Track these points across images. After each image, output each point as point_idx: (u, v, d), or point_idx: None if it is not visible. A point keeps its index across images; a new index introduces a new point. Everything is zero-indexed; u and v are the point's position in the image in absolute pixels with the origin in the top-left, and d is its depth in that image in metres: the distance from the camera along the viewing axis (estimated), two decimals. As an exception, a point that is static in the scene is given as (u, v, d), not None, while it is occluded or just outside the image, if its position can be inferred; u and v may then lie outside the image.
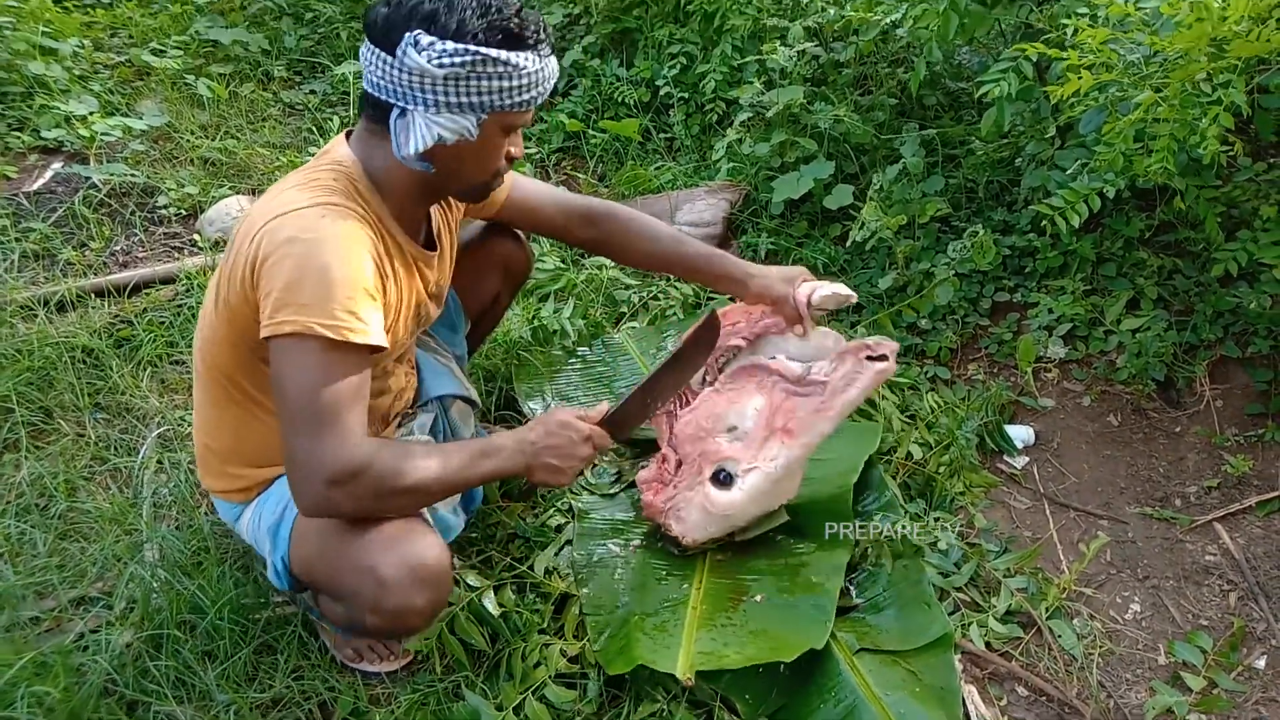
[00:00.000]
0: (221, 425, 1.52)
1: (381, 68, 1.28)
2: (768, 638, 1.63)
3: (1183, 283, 2.48)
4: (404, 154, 1.30)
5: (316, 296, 1.23)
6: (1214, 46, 1.51)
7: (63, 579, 1.82)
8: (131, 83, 3.53)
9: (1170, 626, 1.88)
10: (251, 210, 1.36)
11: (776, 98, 2.65)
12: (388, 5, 1.28)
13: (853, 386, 1.65)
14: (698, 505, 1.71)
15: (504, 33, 1.25)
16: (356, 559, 1.35)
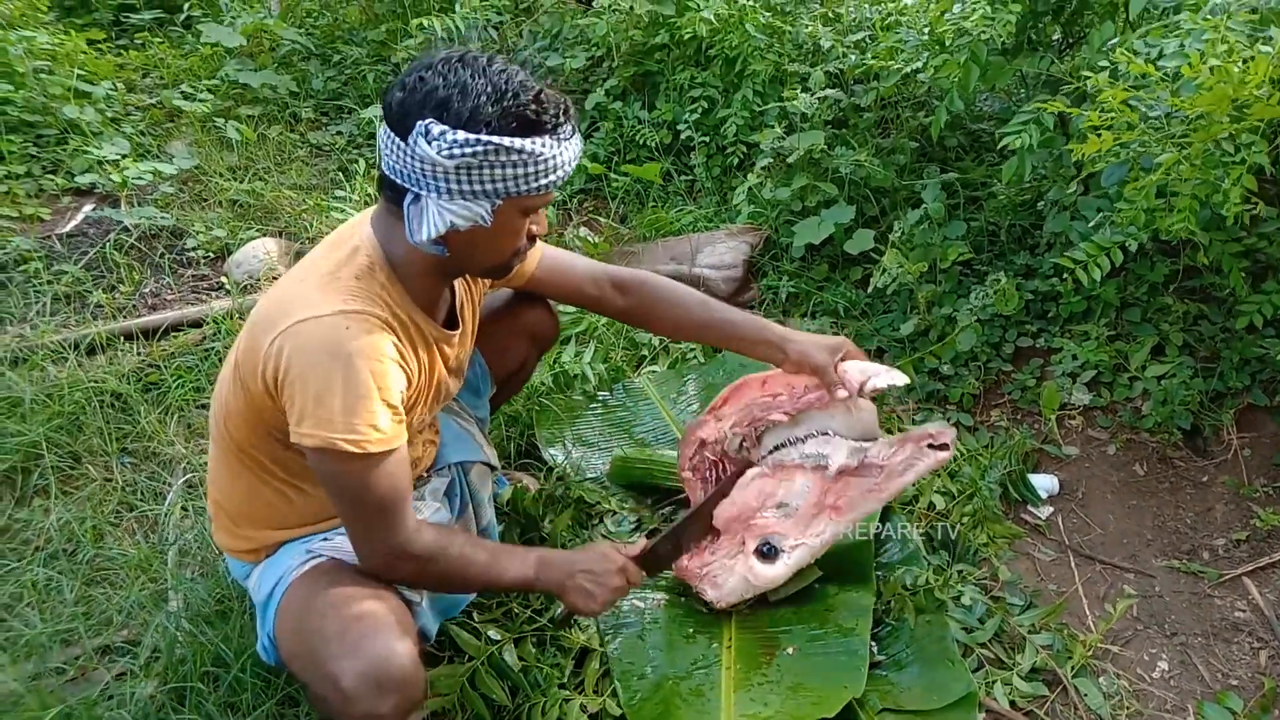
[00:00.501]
0: (234, 488, 1.52)
1: (396, 153, 1.26)
2: (806, 692, 1.62)
3: (1208, 329, 2.46)
4: (417, 240, 1.29)
5: (339, 411, 1.26)
6: (1235, 107, 1.51)
7: (88, 627, 1.84)
8: (162, 124, 3.60)
9: (1199, 686, 1.85)
10: (273, 296, 1.36)
11: (798, 142, 2.67)
12: (403, 89, 1.25)
13: (910, 472, 1.67)
14: (738, 575, 1.71)
15: (520, 120, 1.23)
16: (321, 665, 1.32)
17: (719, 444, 1.71)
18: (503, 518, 2.05)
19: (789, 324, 2.72)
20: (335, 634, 1.34)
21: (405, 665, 1.32)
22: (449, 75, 1.22)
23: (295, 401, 1.27)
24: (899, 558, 2.00)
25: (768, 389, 1.74)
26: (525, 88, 1.24)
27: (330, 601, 1.39)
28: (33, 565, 1.94)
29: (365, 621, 1.35)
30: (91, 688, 1.74)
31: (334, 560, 1.49)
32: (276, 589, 1.47)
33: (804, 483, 1.68)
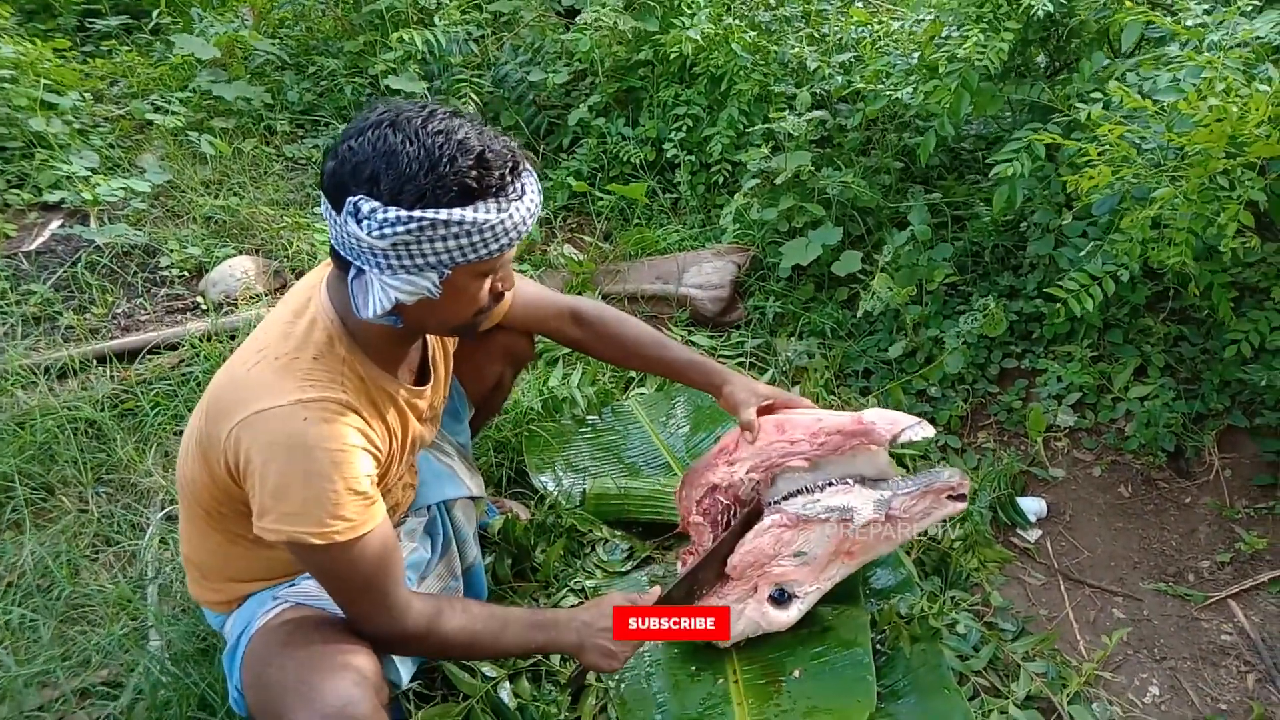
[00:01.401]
0: (203, 545, 1.47)
1: (335, 227, 1.18)
2: (822, 714, 1.62)
3: (1189, 350, 2.49)
4: (363, 316, 1.22)
5: (302, 506, 1.21)
6: (1231, 143, 1.52)
7: (65, 669, 1.78)
8: (131, 136, 3.52)
9: (1190, 711, 1.87)
10: (230, 377, 1.28)
11: (784, 163, 2.66)
12: (334, 159, 1.16)
13: (925, 520, 1.68)
14: (748, 618, 1.69)
15: (459, 187, 1.13)
16: (281, 716, 1.28)
17: (733, 489, 1.68)
18: (494, 548, 2.02)
19: (775, 345, 2.72)
20: (293, 684, 1.29)
21: (360, 712, 1.26)
22: (378, 143, 1.13)
23: (256, 494, 1.22)
24: (892, 584, 2.00)
25: (785, 434, 1.70)
26: (465, 150, 1.14)
27: (289, 653, 1.35)
28: (5, 603, 1.87)
29: (323, 671, 1.30)
30: (71, 732, 1.69)
31: (298, 607, 1.45)
32: (242, 639, 1.43)
33: (823, 532, 1.66)
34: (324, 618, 1.44)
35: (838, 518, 1.64)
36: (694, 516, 1.71)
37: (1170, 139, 1.59)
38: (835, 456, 1.67)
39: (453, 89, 3.41)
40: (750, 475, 1.66)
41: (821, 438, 1.67)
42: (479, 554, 1.83)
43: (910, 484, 1.68)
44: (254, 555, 1.43)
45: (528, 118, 3.49)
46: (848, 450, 1.66)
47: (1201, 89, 1.52)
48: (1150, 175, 1.65)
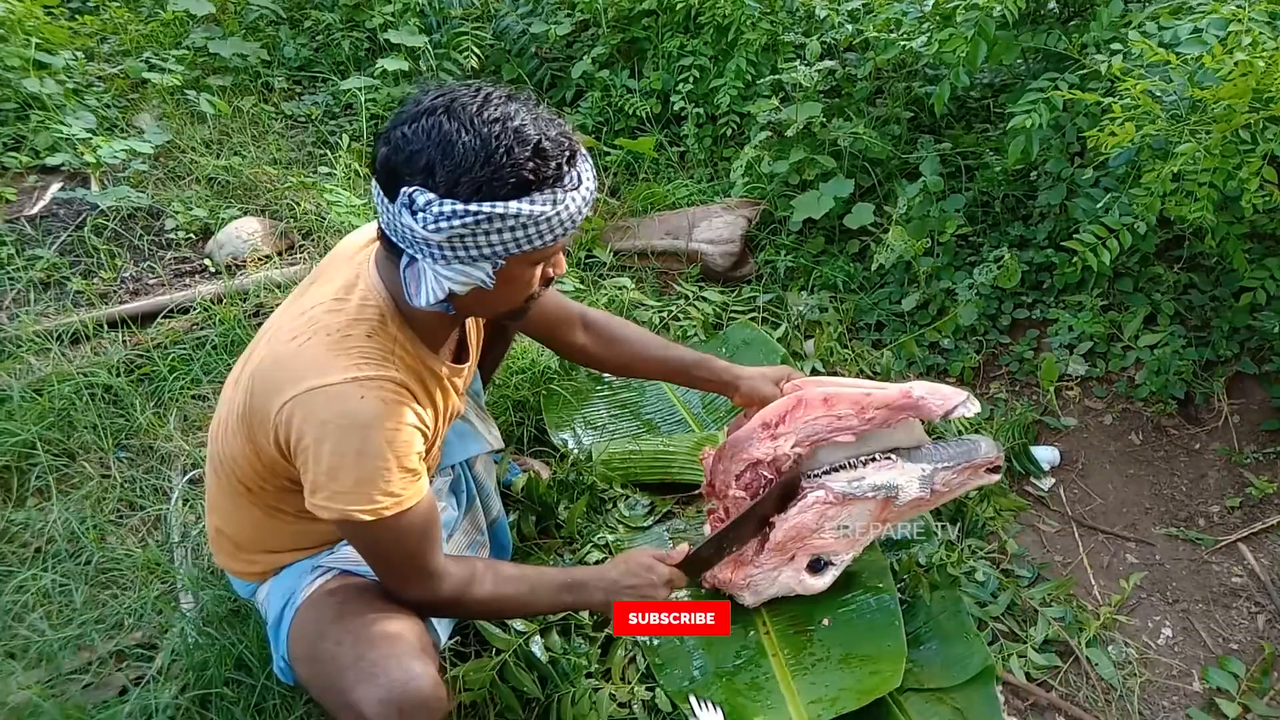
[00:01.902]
0: (240, 519, 1.47)
1: (387, 213, 1.16)
2: (858, 661, 1.69)
3: (1198, 298, 2.51)
4: (415, 304, 1.21)
5: (355, 484, 1.21)
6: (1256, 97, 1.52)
7: (100, 631, 1.81)
8: (127, 96, 3.45)
9: (1202, 651, 1.92)
10: (278, 352, 1.25)
11: (795, 114, 2.64)
12: (386, 145, 1.14)
13: (960, 489, 1.72)
14: (782, 583, 1.72)
15: (516, 180, 1.11)
16: (340, 693, 1.30)
17: (776, 463, 1.68)
18: (518, 505, 2.04)
19: (787, 299, 2.72)
20: (351, 661, 1.30)
21: (426, 687, 1.29)
22: (433, 131, 1.11)
23: (309, 471, 1.22)
24: (910, 534, 2.03)
25: (832, 407, 1.67)
26: (521, 140, 1.11)
27: (343, 625, 1.36)
28: (34, 569, 1.89)
29: (381, 645, 1.32)
30: (110, 693, 1.72)
31: (342, 576, 1.46)
32: (286, 610, 1.44)
33: (865, 508, 1.68)
34: (369, 585, 1.46)
35: (883, 495, 1.65)
36: (734, 490, 1.71)
37: (1193, 93, 1.58)
38: (878, 430, 1.68)
39: (453, 42, 3.35)
40: (795, 450, 1.67)
41: (869, 413, 1.65)
42: (502, 508, 1.85)
43: (950, 458, 1.68)
44: (294, 528, 1.44)
45: (530, 70, 3.44)
46: (893, 422, 1.67)
47: (1227, 42, 1.50)
48: (1172, 129, 1.64)
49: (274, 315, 1.42)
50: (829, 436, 1.68)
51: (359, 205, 2.46)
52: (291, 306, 1.35)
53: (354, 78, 3.28)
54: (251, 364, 1.29)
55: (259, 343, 1.35)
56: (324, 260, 1.45)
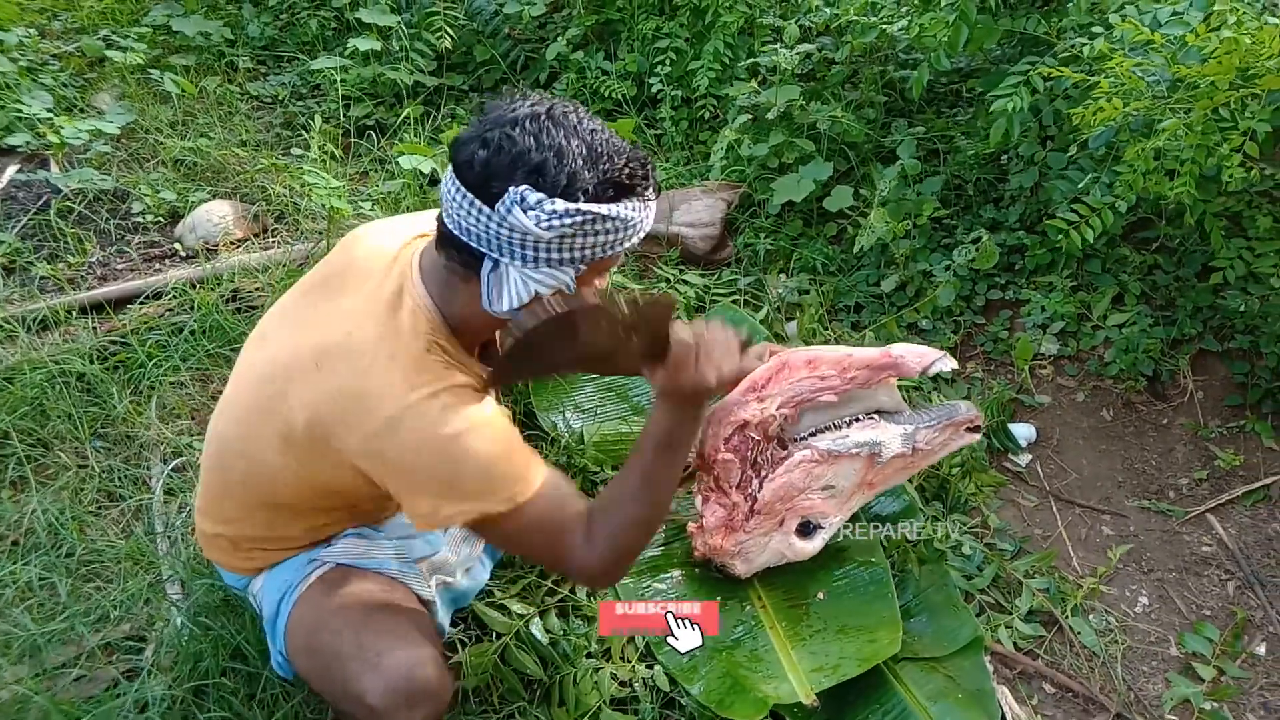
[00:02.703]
0: (247, 522, 1.43)
1: (475, 216, 1.15)
2: (854, 632, 1.73)
3: (1163, 278, 2.59)
4: (497, 309, 1.21)
5: (475, 485, 1.21)
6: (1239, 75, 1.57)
7: (87, 624, 1.77)
8: (84, 75, 3.34)
9: (1177, 618, 1.99)
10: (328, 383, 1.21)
11: (774, 97, 2.65)
12: (485, 147, 1.14)
13: (944, 450, 1.75)
14: (773, 550, 1.75)
15: (615, 185, 1.16)
16: (345, 685, 1.29)
17: (763, 425, 1.71)
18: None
19: (767, 282, 2.75)
20: (353, 651, 1.30)
21: (431, 674, 1.30)
22: (541, 136, 1.13)
23: (419, 495, 1.22)
24: (897, 510, 2.07)
25: (815, 369, 1.71)
26: (618, 149, 1.17)
27: (343, 615, 1.36)
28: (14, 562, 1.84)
29: (383, 633, 1.32)
30: (99, 687, 1.68)
31: (339, 568, 1.45)
32: (283, 604, 1.42)
33: (851, 466, 1.71)
34: (366, 576, 1.45)
35: (867, 452, 1.69)
36: (722, 454, 1.74)
37: (1176, 71, 1.62)
38: (859, 390, 1.72)
39: (424, 22, 3.30)
40: (781, 411, 1.70)
41: (851, 372, 1.70)
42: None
43: (932, 418, 1.73)
44: (305, 531, 1.43)
45: (503, 52, 3.40)
46: (874, 384, 1.71)
47: (1212, 21, 1.55)
48: (1155, 107, 1.69)
49: (284, 316, 1.37)
50: (813, 397, 1.72)
51: (339, 187, 2.41)
52: (315, 313, 1.31)
53: (324, 57, 3.21)
54: (300, 389, 1.24)
55: (282, 353, 1.29)
56: (335, 257, 1.40)
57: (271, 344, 1.33)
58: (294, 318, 1.35)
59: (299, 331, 1.29)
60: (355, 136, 3.18)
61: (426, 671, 1.29)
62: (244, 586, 1.55)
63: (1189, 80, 1.63)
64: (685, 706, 1.67)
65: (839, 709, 1.68)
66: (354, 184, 2.91)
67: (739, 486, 1.73)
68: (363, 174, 3.02)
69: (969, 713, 1.67)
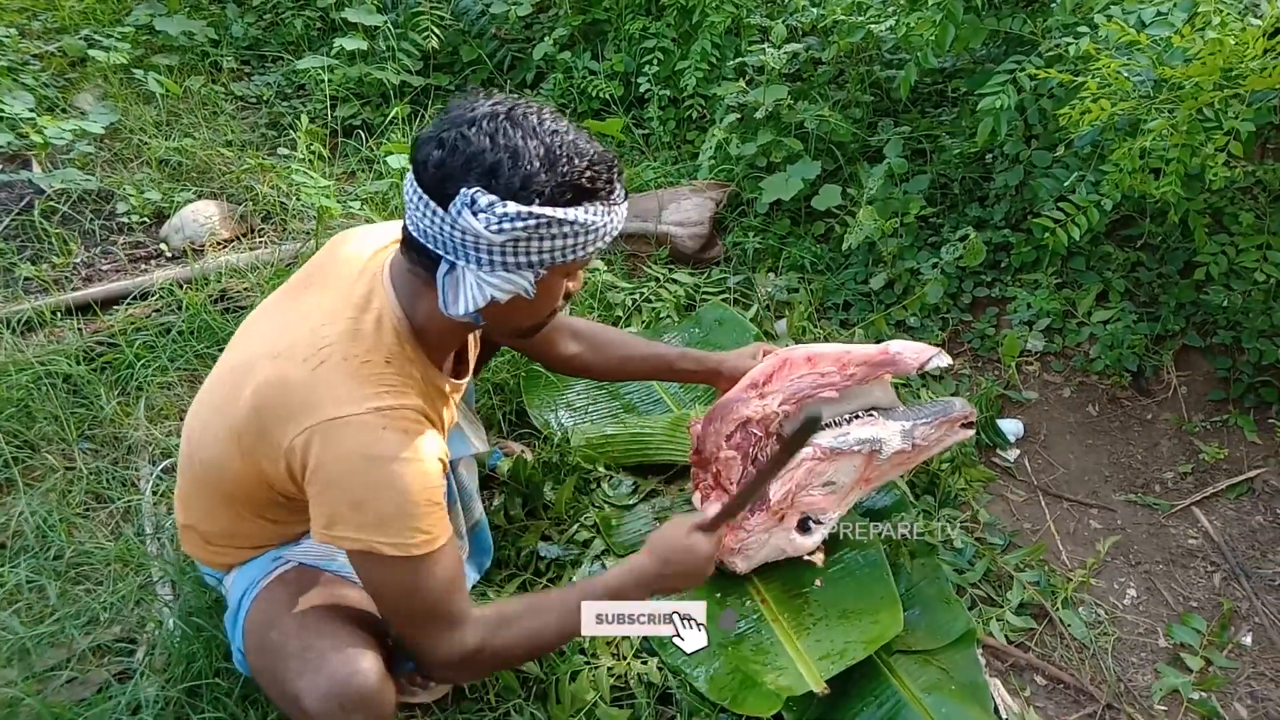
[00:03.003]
0: (213, 518, 1.42)
1: (429, 217, 1.14)
2: (857, 616, 1.74)
3: (1146, 275, 2.62)
4: (452, 313, 1.19)
5: (379, 518, 1.18)
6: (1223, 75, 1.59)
7: (77, 627, 1.75)
8: (65, 75, 3.30)
9: (1165, 610, 2.02)
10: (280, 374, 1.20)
11: (762, 97, 2.66)
12: (440, 147, 1.12)
13: (939, 446, 1.77)
14: (773, 545, 1.76)
15: (574, 188, 1.14)
16: (284, 685, 1.27)
17: (765, 422, 1.72)
18: (503, 488, 2.04)
19: (756, 280, 2.76)
20: (296, 652, 1.28)
21: (368, 682, 1.25)
22: (497, 136, 1.12)
23: (326, 503, 1.19)
24: (888, 504, 2.09)
25: (815, 365, 1.73)
26: (579, 152, 1.15)
27: (293, 616, 1.34)
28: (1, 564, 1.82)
29: (327, 637, 1.29)
30: (90, 690, 1.67)
31: (299, 568, 1.44)
32: (244, 601, 1.41)
33: (851, 463, 1.72)
34: (325, 578, 1.44)
35: (868, 449, 1.70)
36: (725, 451, 1.74)
37: (1162, 72, 1.65)
38: (857, 387, 1.73)
39: (410, 22, 3.29)
40: (783, 407, 1.71)
41: (850, 369, 1.72)
42: (483, 511, 1.82)
43: (928, 414, 1.75)
44: (268, 529, 1.42)
45: (490, 52, 3.40)
46: (872, 380, 1.72)
47: (1196, 22, 1.58)
48: (1141, 107, 1.72)
49: (262, 314, 1.37)
50: (814, 393, 1.74)
51: (328, 186, 2.41)
52: (288, 311, 1.30)
53: (309, 57, 3.20)
54: (254, 379, 1.22)
55: (250, 349, 1.28)
56: (320, 257, 1.39)
57: (243, 344, 1.34)
58: (269, 318, 1.35)
59: (269, 331, 1.30)
60: (342, 136, 3.17)
61: (365, 680, 1.25)
62: (220, 581, 1.54)
63: (1174, 81, 1.65)
64: (680, 701, 1.68)
65: (836, 702, 1.69)
66: (341, 184, 2.90)
67: (740, 483, 1.74)
68: (350, 174, 3.01)
69: (963, 705, 1.68)
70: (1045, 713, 1.80)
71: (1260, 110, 1.61)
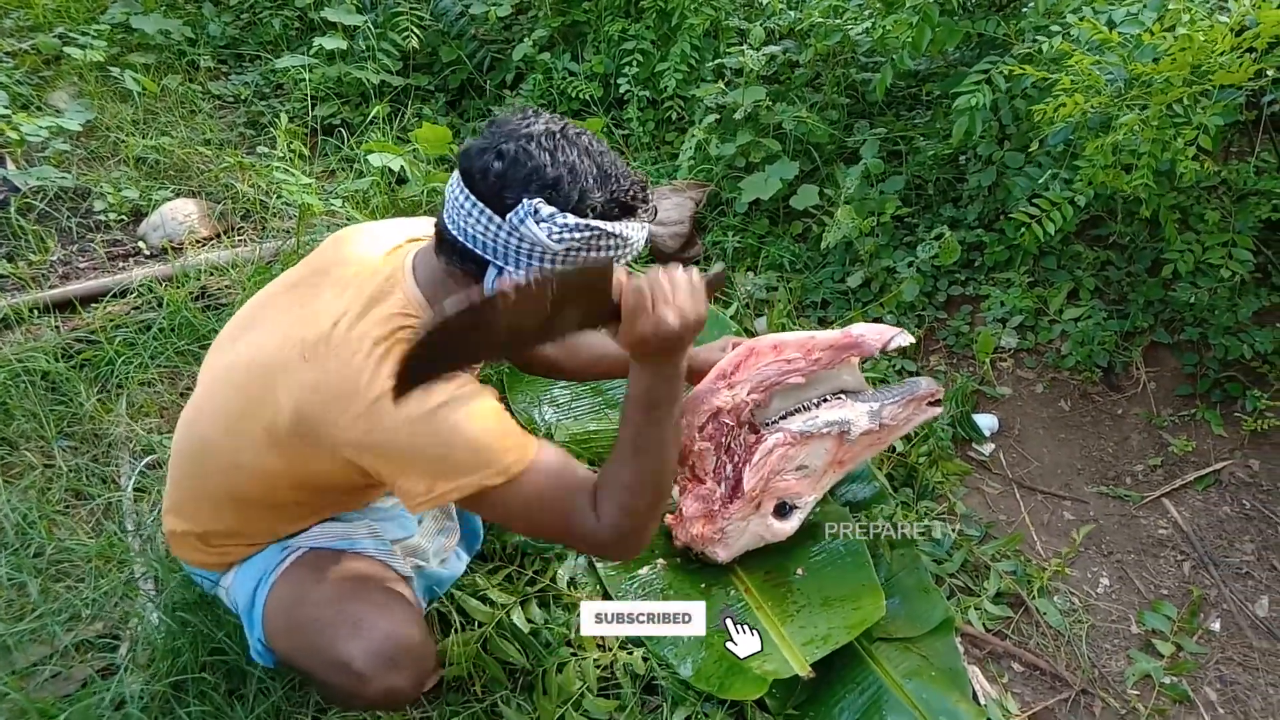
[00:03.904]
0: (219, 521, 1.42)
1: (484, 224, 1.20)
2: (839, 602, 1.77)
3: (1115, 273, 2.68)
4: None
5: (467, 457, 1.21)
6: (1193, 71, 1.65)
7: (58, 623, 1.74)
8: (40, 72, 3.27)
9: (1137, 598, 2.07)
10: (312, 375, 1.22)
11: (740, 98, 2.70)
12: (500, 159, 1.19)
13: (908, 425, 1.79)
14: (752, 533, 1.78)
15: (621, 205, 1.23)
16: (329, 653, 1.31)
17: (735, 411, 1.75)
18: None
19: (735, 279, 2.79)
20: (334, 620, 1.32)
21: (414, 636, 1.33)
22: (556, 153, 1.20)
23: (415, 474, 1.22)
24: (868, 496, 2.12)
25: (781, 353, 1.77)
26: (624, 173, 1.24)
27: (321, 589, 1.37)
28: (-15, 563, 1.80)
29: (364, 602, 1.34)
30: (73, 686, 1.66)
31: (312, 551, 1.45)
32: (259, 591, 1.42)
33: (822, 446, 1.75)
34: (342, 553, 1.46)
35: (837, 431, 1.73)
36: (698, 443, 1.77)
37: (1133, 69, 1.70)
38: (823, 371, 1.77)
39: (389, 22, 3.30)
40: (752, 396, 1.74)
41: (815, 354, 1.76)
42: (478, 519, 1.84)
43: (895, 394, 1.79)
44: (274, 518, 1.42)
45: (469, 53, 3.41)
46: (837, 364, 1.76)
47: (1166, 21, 1.63)
48: (1113, 104, 1.77)
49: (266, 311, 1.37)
50: (781, 380, 1.77)
51: (309, 184, 2.41)
52: (302, 309, 1.31)
53: (288, 56, 3.19)
54: (288, 382, 1.24)
55: (266, 349, 1.29)
56: (324, 256, 1.41)
57: (253, 342, 1.34)
58: (277, 315, 1.35)
59: (284, 329, 1.30)
60: (322, 135, 3.17)
61: (409, 632, 1.32)
62: (214, 583, 1.54)
63: (1144, 78, 1.71)
64: (666, 690, 1.70)
65: (817, 688, 1.72)
66: (321, 182, 2.89)
67: (714, 473, 1.76)
68: (330, 172, 3.01)
69: (943, 690, 1.71)
70: (1022, 699, 1.84)
71: (1228, 106, 1.66)
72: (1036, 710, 1.81)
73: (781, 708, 1.70)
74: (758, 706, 1.69)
